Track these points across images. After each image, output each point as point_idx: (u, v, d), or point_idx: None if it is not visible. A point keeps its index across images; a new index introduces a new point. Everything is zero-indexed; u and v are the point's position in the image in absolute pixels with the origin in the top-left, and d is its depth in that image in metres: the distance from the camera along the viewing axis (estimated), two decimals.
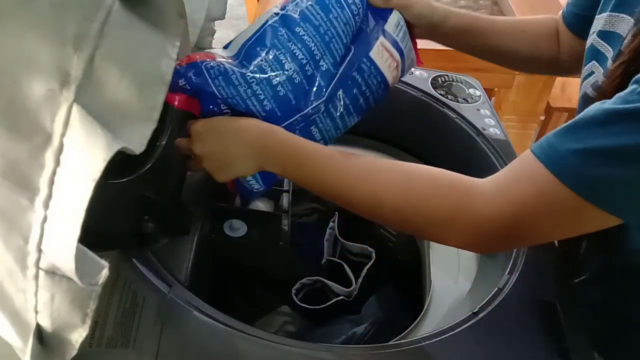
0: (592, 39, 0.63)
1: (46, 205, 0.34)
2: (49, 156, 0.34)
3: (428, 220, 0.51)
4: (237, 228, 0.73)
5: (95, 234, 0.37)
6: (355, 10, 0.67)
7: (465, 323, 0.59)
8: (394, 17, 0.72)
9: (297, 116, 0.64)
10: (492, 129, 0.86)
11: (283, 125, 0.63)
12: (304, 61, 0.64)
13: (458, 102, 0.91)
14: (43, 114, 0.34)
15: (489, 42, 0.78)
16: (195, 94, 0.62)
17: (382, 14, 0.72)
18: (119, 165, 0.53)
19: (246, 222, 0.74)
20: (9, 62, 0.34)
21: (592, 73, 0.62)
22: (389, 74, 0.71)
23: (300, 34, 0.64)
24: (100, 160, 0.33)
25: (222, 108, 0.63)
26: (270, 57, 0.63)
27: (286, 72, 0.63)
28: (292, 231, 0.75)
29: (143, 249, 0.60)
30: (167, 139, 0.63)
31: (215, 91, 0.61)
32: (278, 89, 0.63)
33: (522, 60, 0.80)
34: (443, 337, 0.57)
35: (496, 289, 0.62)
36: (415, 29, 0.76)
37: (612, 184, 0.43)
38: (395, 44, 0.71)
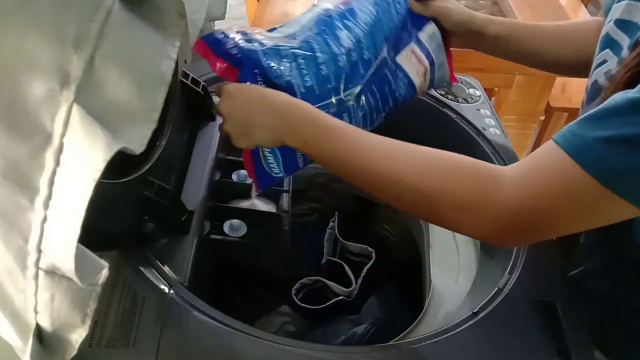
0: (607, 27, 0.62)
1: (46, 205, 0.34)
2: (49, 156, 0.34)
3: (445, 203, 0.50)
4: (237, 228, 0.74)
5: (95, 234, 0.37)
6: (399, 9, 0.72)
7: (465, 323, 0.59)
8: (429, 28, 0.76)
9: (332, 98, 0.66)
10: (492, 129, 0.86)
11: (318, 105, 0.64)
12: (351, 47, 0.66)
13: (458, 102, 0.91)
14: (43, 114, 0.34)
15: (529, 48, 0.78)
16: (238, 62, 0.63)
17: (418, 22, 0.75)
18: (119, 165, 0.54)
19: (246, 222, 0.74)
20: (9, 62, 0.34)
21: (604, 61, 0.61)
22: (416, 78, 0.74)
23: (349, 23, 0.67)
24: (100, 160, 0.33)
25: (259, 81, 0.63)
26: (319, 38, 0.66)
27: (332, 53, 0.65)
28: (292, 231, 0.75)
29: (143, 249, 0.60)
30: (167, 139, 0.63)
31: (262, 58, 0.62)
32: (321, 67, 0.64)
33: (564, 64, 0.79)
34: (443, 337, 0.57)
35: (496, 289, 0.63)
36: (453, 37, 0.78)
37: (635, 172, 0.42)
38: (425, 52, 0.75)
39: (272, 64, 0.63)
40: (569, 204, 0.45)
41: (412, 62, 0.74)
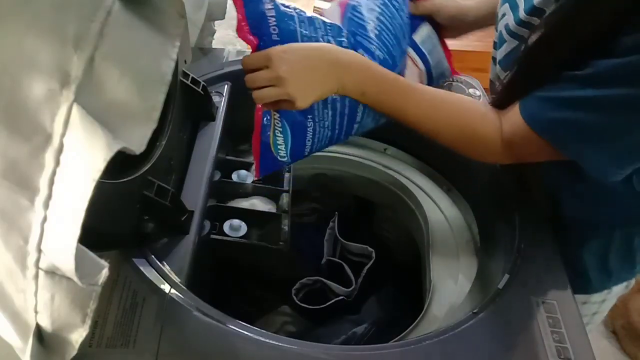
0: None
1: (46, 205, 0.34)
2: (49, 156, 0.34)
3: (469, 149, 0.68)
4: (237, 228, 0.74)
5: (95, 234, 0.37)
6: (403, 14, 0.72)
7: (465, 323, 0.59)
8: (424, 29, 0.76)
9: None
10: None
11: None
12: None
13: None
14: (43, 114, 0.34)
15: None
16: (260, 28, 0.62)
17: (412, 24, 0.75)
18: (119, 165, 0.54)
19: (246, 222, 0.74)
20: (9, 62, 0.34)
21: (505, 15, 0.71)
22: (410, 80, 0.74)
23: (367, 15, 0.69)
24: (101, 160, 0.33)
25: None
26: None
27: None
28: (292, 231, 0.75)
29: (143, 249, 0.60)
30: (167, 139, 0.63)
31: (297, 24, 0.63)
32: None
33: None
34: (443, 337, 0.57)
35: (496, 289, 0.63)
36: (450, 30, 0.80)
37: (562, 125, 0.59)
38: (420, 54, 0.75)
39: (305, 34, 0.63)
40: (534, 151, 0.63)
41: (407, 65, 0.74)
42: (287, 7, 0.64)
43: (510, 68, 0.67)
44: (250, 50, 0.63)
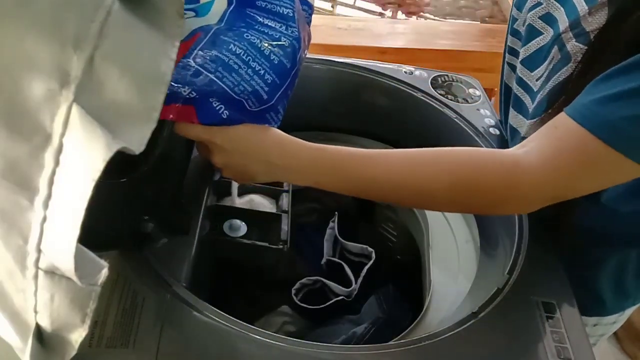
0: None
1: (46, 205, 0.34)
2: (49, 156, 0.34)
3: (483, 202, 0.55)
4: (237, 228, 0.74)
5: (95, 234, 0.37)
6: None
7: (465, 323, 0.59)
8: None
9: (291, 75, 0.61)
10: (492, 129, 0.86)
11: (282, 90, 0.60)
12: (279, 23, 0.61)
13: (458, 102, 0.91)
14: (43, 114, 0.34)
15: None
16: (190, 100, 0.57)
17: None
18: (119, 165, 0.53)
19: (246, 222, 0.74)
20: (8, 62, 0.34)
21: (539, 4, 0.64)
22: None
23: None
24: (100, 160, 0.33)
25: (217, 108, 0.57)
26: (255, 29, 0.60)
27: (272, 38, 0.60)
28: (292, 231, 0.75)
29: (143, 249, 0.60)
30: (166, 139, 0.63)
31: (223, 85, 0.56)
32: (271, 57, 0.59)
33: None
34: (443, 337, 0.57)
35: (496, 289, 0.63)
36: None
37: None
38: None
39: (232, 84, 0.57)
40: (592, 176, 0.50)
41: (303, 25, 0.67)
42: (201, 70, 0.57)
43: (544, 62, 0.59)
44: None
